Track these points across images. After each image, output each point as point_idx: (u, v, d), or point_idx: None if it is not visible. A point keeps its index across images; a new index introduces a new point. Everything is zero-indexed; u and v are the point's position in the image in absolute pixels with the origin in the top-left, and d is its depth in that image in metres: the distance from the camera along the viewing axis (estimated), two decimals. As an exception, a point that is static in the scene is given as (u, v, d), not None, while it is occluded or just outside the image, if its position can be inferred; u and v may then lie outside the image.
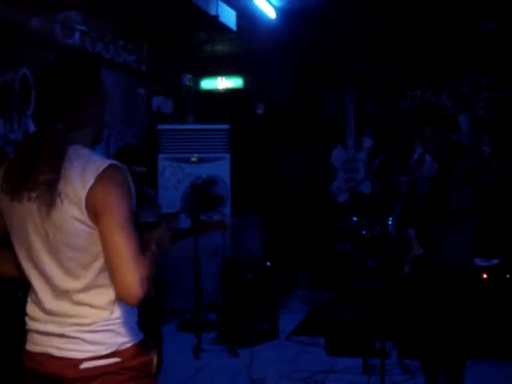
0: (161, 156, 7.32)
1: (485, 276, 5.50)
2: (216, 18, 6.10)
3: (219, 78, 8.54)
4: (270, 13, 7.03)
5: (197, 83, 8.61)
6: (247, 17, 6.97)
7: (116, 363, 2.04)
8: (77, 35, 6.11)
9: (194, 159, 7.34)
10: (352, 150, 8.22)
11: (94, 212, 1.94)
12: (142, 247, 2.03)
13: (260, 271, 6.30)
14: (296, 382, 5.08)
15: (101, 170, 1.95)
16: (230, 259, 6.89)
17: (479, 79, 7.90)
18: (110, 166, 1.98)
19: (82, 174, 1.94)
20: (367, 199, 7.63)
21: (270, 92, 8.49)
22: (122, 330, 2.07)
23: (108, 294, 2.03)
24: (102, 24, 6.48)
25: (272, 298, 6.35)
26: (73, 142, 2.03)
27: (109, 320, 2.05)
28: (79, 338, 2.03)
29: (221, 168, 7.32)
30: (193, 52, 8.28)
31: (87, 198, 1.93)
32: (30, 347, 2.13)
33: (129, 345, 2.08)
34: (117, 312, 2.06)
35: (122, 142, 6.94)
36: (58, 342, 2.06)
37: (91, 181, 1.93)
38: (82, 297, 2.04)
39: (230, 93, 8.57)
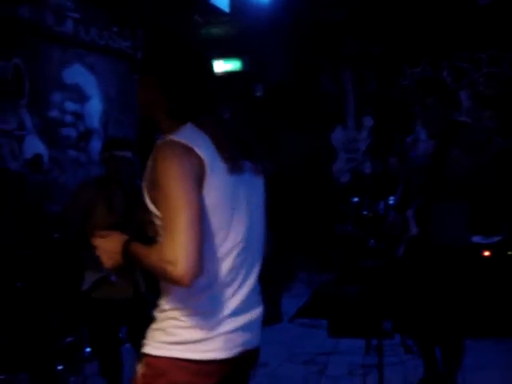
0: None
1: (486, 253, 5.46)
2: (207, 0, 6.02)
3: (217, 62, 8.44)
4: (264, -7, 6.93)
5: (194, 68, 8.49)
6: (240, -1, 6.86)
7: None
8: (69, 22, 6.04)
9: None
10: (352, 129, 8.14)
11: None
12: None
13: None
14: (298, 364, 5.07)
15: None
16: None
17: (479, 54, 7.80)
18: None
19: None
20: (368, 179, 7.56)
21: (269, 74, 8.40)
22: None
23: None
24: (95, 10, 6.41)
25: (274, 281, 6.32)
26: None
27: None
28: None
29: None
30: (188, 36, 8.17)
31: None
32: (224, 354, 1.78)
33: None
34: None
35: (119, 129, 6.86)
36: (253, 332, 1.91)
37: None
38: None
39: (229, 76, 8.48)
